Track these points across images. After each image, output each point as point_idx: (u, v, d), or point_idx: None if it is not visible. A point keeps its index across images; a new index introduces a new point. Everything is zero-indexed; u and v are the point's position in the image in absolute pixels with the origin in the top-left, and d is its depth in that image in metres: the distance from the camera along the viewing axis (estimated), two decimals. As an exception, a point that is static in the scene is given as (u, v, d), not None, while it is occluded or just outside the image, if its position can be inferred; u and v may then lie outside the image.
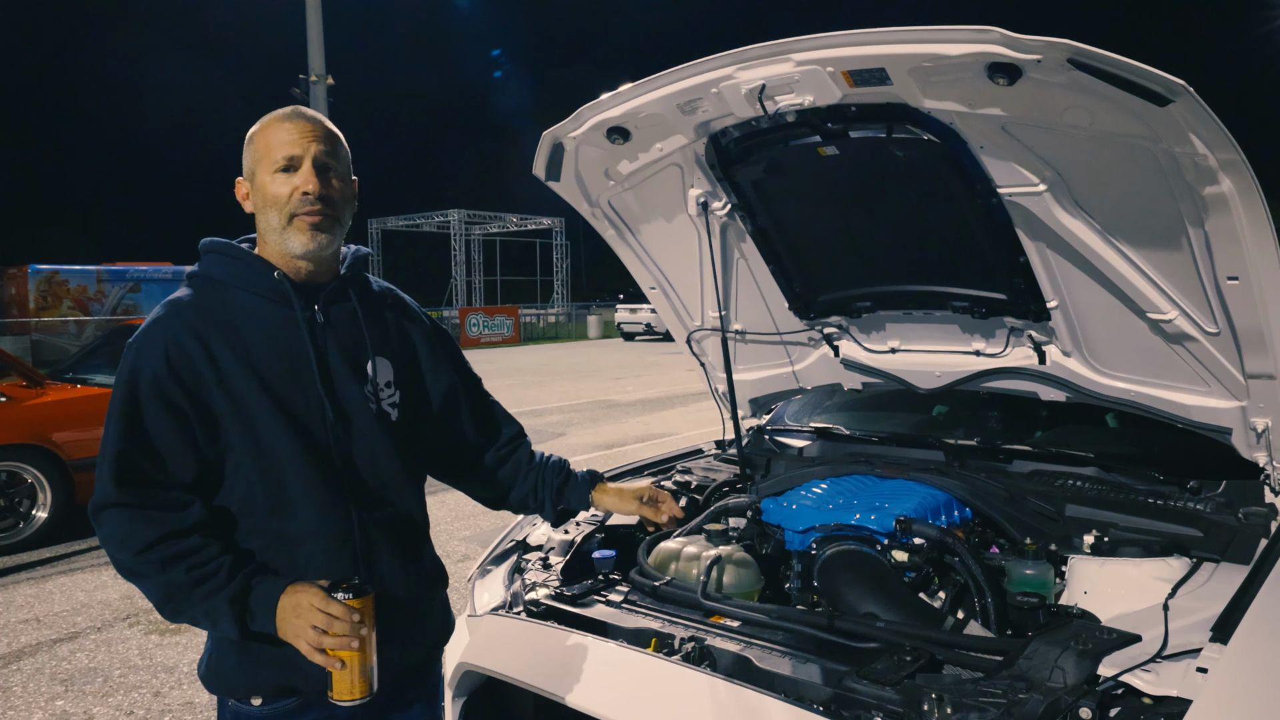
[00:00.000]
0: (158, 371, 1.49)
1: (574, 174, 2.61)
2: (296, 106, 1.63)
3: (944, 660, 1.79)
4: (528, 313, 34.26)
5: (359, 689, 1.46)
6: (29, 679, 3.99)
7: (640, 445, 9.55)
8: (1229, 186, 1.78)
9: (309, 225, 1.56)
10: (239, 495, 1.54)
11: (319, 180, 1.56)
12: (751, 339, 3.10)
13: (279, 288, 1.59)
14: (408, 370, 1.75)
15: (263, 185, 1.57)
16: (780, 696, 1.71)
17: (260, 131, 1.60)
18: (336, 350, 1.62)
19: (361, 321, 1.67)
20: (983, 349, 2.68)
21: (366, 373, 1.65)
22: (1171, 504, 2.35)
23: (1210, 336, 2.17)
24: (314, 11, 17.86)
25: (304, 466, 1.54)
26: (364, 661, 1.45)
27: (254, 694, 1.56)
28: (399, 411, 1.69)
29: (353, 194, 1.67)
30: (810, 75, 2.02)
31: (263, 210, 1.58)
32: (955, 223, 2.33)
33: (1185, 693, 1.52)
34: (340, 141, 1.64)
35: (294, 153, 1.55)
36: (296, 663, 1.49)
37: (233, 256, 1.62)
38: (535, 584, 2.32)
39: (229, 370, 1.52)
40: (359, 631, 1.43)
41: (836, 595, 2.13)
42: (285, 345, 1.57)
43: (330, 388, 1.59)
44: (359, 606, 1.44)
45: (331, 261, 1.66)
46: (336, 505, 1.57)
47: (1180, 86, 1.62)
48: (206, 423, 1.51)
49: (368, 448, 1.62)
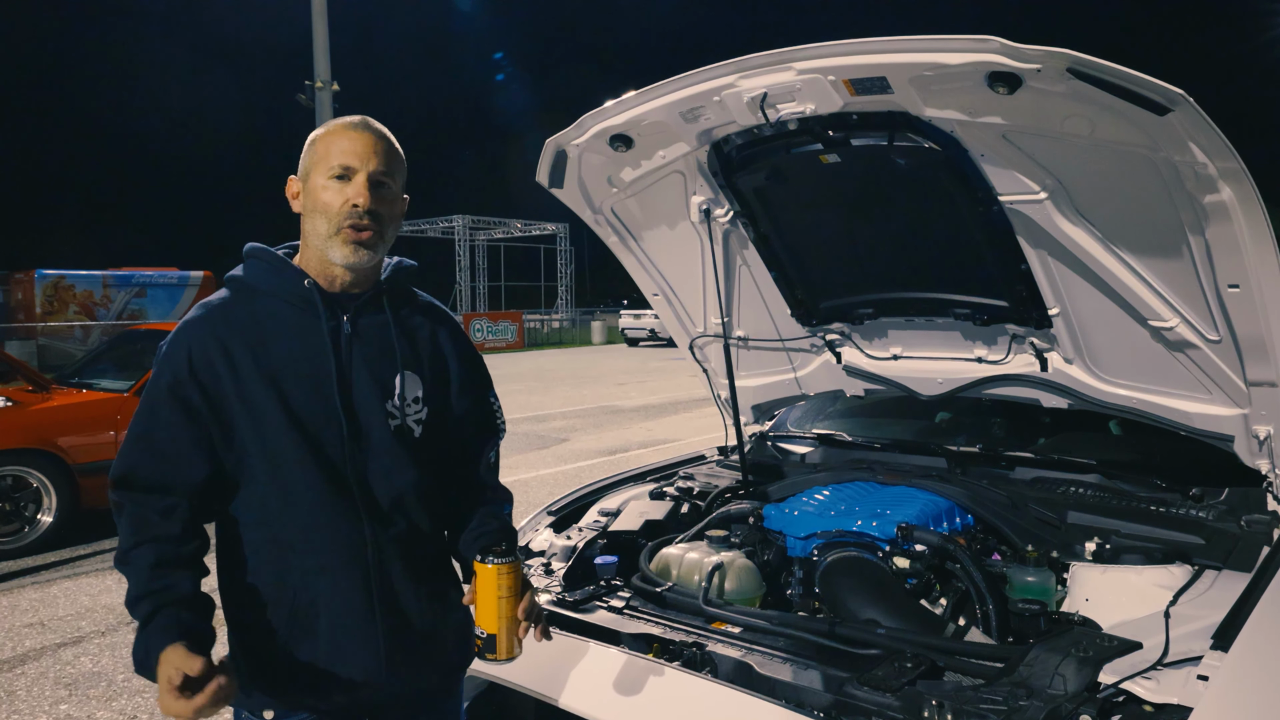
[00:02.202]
0: (179, 373, 1.51)
1: (577, 181, 2.63)
2: (365, 118, 1.61)
3: (945, 667, 1.79)
4: (531, 318, 34.25)
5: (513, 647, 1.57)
6: (33, 683, 4.00)
7: (643, 450, 9.56)
8: (1229, 195, 1.79)
9: (353, 240, 1.55)
10: (254, 501, 1.54)
11: (371, 196, 1.54)
12: (754, 345, 3.10)
13: (308, 296, 1.58)
14: (438, 387, 1.70)
15: (315, 189, 1.56)
16: (781, 702, 1.72)
17: (324, 135, 1.58)
18: (362, 363, 1.60)
19: (393, 334, 1.64)
20: (985, 356, 2.68)
21: (393, 386, 1.62)
22: (1174, 511, 2.35)
23: (1212, 344, 2.17)
24: (319, 18, 17.94)
25: (316, 478, 1.53)
26: (512, 627, 1.56)
27: (266, 708, 1.56)
28: (424, 428, 1.65)
29: (401, 212, 1.65)
30: (812, 84, 2.03)
31: (311, 214, 1.58)
32: (957, 230, 2.34)
33: (1186, 700, 1.53)
34: (400, 159, 1.62)
35: (352, 164, 1.54)
36: (312, 681, 1.52)
37: (268, 263, 1.61)
38: (537, 590, 2.32)
39: (247, 377, 1.52)
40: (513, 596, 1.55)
41: (838, 601, 2.13)
42: (310, 355, 1.56)
43: (349, 401, 1.57)
44: (511, 570, 1.54)
45: (371, 274, 1.64)
46: (348, 519, 1.56)
47: (1179, 96, 1.63)
48: (223, 426, 1.52)
49: (383, 464, 1.59)
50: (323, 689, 1.51)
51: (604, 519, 2.76)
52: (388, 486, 1.59)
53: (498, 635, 1.55)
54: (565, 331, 35.05)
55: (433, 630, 1.65)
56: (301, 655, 1.53)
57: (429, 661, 1.66)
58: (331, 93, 18.66)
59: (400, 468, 1.61)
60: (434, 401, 1.68)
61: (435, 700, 1.73)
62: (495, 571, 1.53)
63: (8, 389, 6.51)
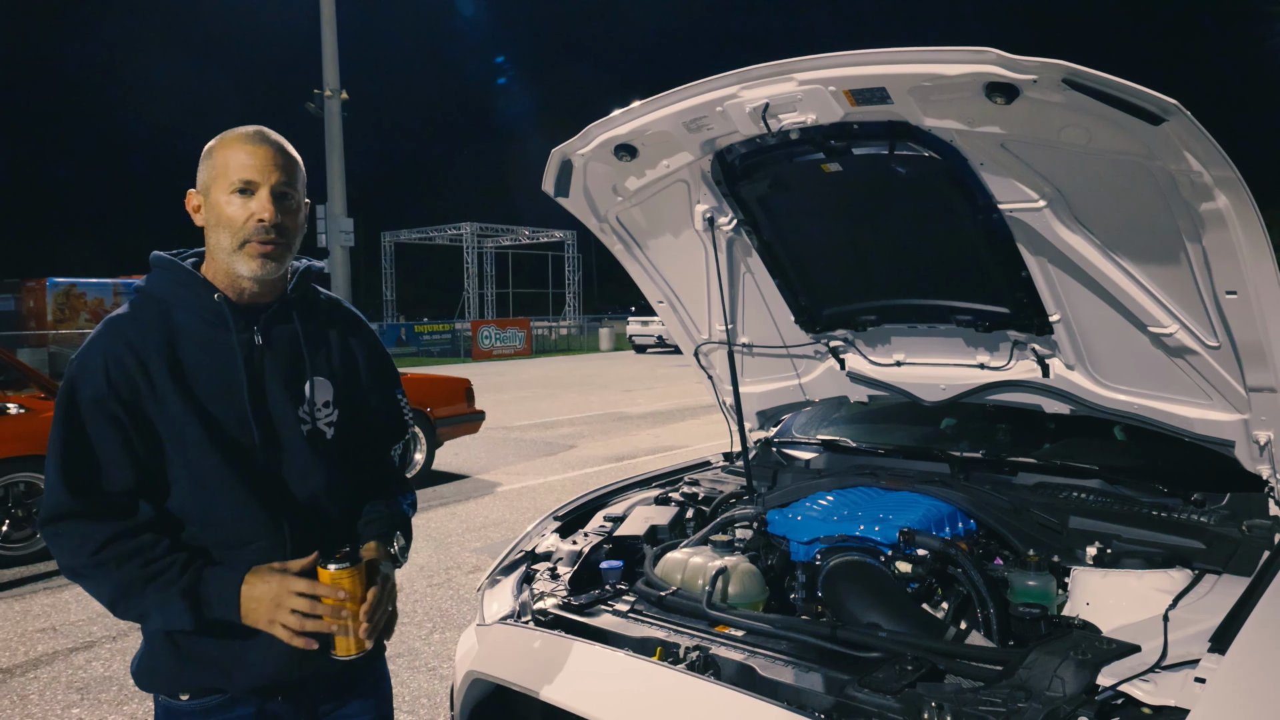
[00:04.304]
0: (98, 391, 1.52)
1: (582, 190, 2.66)
2: (260, 128, 1.63)
3: (945, 670, 1.81)
4: (539, 325, 34.33)
5: (353, 645, 1.56)
6: (46, 687, 4.04)
7: (651, 457, 9.57)
8: (1225, 203, 1.81)
9: (260, 254, 1.58)
10: (175, 507, 1.58)
11: (275, 209, 1.57)
12: (758, 352, 3.13)
13: (218, 310, 1.61)
14: (347, 389, 1.77)
15: (217, 204, 1.57)
16: (783, 705, 1.74)
17: (220, 148, 1.59)
18: (274, 371, 1.65)
19: (302, 343, 1.70)
20: (986, 362, 2.70)
21: (303, 393, 1.68)
22: (1175, 516, 2.36)
23: (1211, 350, 2.19)
24: (328, 27, 18.05)
25: (234, 484, 1.58)
26: (358, 623, 1.55)
27: (182, 690, 1.62)
28: (335, 430, 1.72)
29: (305, 219, 1.68)
30: (812, 94, 2.06)
31: (214, 228, 1.60)
32: (958, 238, 2.36)
33: (1183, 703, 1.54)
34: (299, 168, 1.65)
35: (253, 178, 1.56)
36: (224, 665, 1.58)
37: (175, 275, 1.64)
38: (543, 594, 2.35)
39: (164, 389, 1.55)
40: (352, 600, 1.52)
41: (840, 605, 2.15)
42: (221, 366, 1.60)
43: (262, 408, 1.62)
44: (355, 574, 1.54)
45: (278, 283, 1.68)
46: (267, 521, 1.61)
47: (1173, 106, 1.66)
48: (145, 435, 1.55)
49: (298, 467, 1.65)
50: (238, 675, 1.59)
51: (609, 524, 2.78)
52: (303, 487, 1.66)
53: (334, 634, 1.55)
54: (573, 338, 35.11)
55: None
56: (218, 645, 1.58)
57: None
58: (341, 100, 18.76)
59: (314, 470, 1.67)
60: (344, 404, 1.75)
61: (358, 674, 1.75)
62: (331, 576, 1.54)
63: (20, 396, 6.57)
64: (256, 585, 1.52)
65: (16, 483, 6.01)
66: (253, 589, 1.52)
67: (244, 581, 1.53)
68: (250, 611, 1.52)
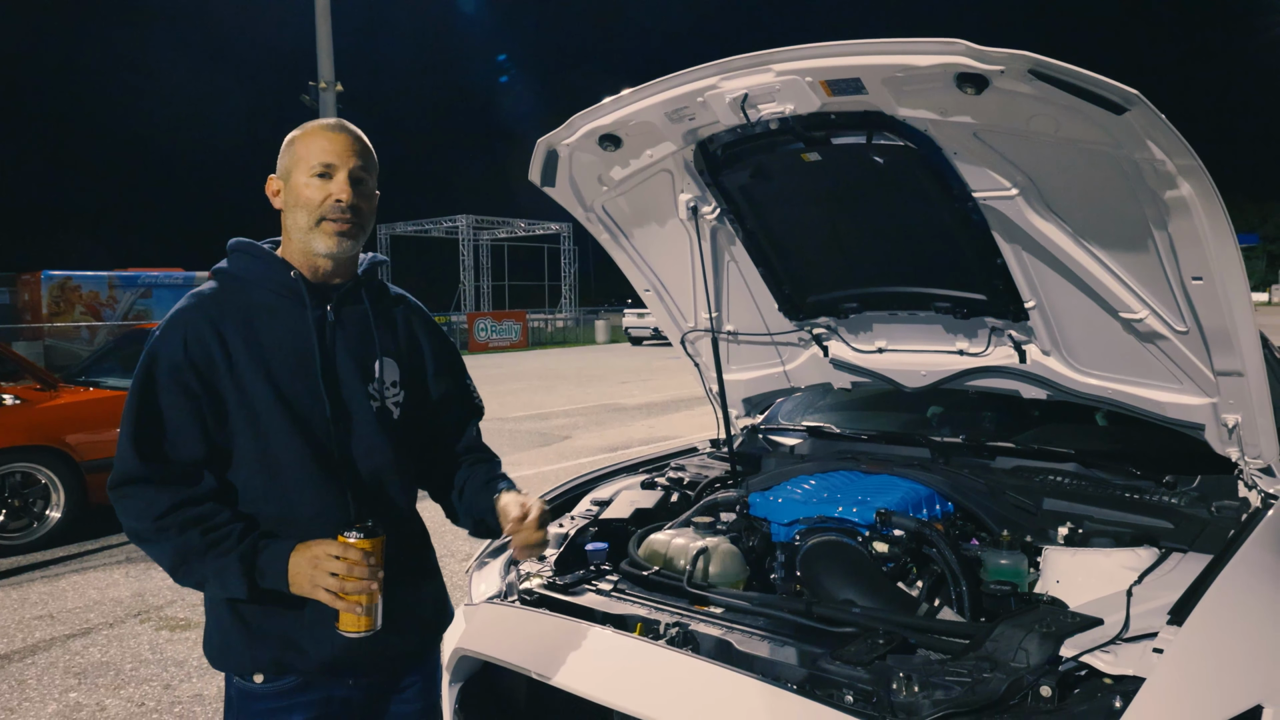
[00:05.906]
0: (175, 359, 1.60)
1: (568, 180, 2.70)
2: (340, 119, 1.74)
3: (916, 644, 1.87)
4: (535, 318, 34.33)
5: (364, 623, 1.55)
6: (43, 672, 4.10)
7: (645, 447, 9.62)
8: (1188, 191, 1.86)
9: (336, 231, 1.67)
10: (242, 479, 1.64)
11: (352, 191, 1.67)
12: (744, 340, 3.18)
13: (294, 286, 1.69)
14: (413, 372, 1.84)
15: (297, 186, 1.67)
16: (758, 677, 1.79)
17: (303, 136, 1.70)
18: (344, 348, 1.72)
19: (372, 323, 1.77)
20: (965, 348, 2.76)
21: (373, 371, 1.74)
22: (1146, 498, 2.43)
23: (1180, 335, 2.24)
24: (323, 19, 18.00)
25: (303, 457, 1.64)
26: (372, 600, 1.55)
27: (256, 670, 1.65)
28: (401, 411, 1.78)
29: (375, 206, 1.78)
30: (790, 85, 2.10)
31: (293, 209, 1.69)
32: (935, 226, 2.41)
33: (1141, 672, 1.60)
34: (374, 158, 1.75)
35: (333, 161, 1.66)
36: (294, 640, 1.60)
37: (254, 255, 1.73)
38: (529, 574, 2.40)
39: (240, 361, 1.62)
40: (376, 573, 1.54)
41: (817, 583, 2.21)
42: (295, 341, 1.67)
43: (333, 383, 1.69)
44: (370, 548, 1.54)
45: (350, 265, 1.76)
46: (333, 495, 1.66)
47: (1135, 96, 1.71)
48: (216, 408, 1.62)
49: (366, 443, 1.71)
50: (310, 653, 1.61)
51: (596, 508, 2.84)
52: (369, 463, 1.71)
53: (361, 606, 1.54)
54: (569, 331, 35.11)
55: (412, 595, 1.77)
56: (289, 621, 1.62)
57: (410, 625, 1.77)
58: (335, 93, 18.72)
59: (380, 446, 1.72)
60: (410, 386, 1.81)
61: (417, 659, 1.84)
62: (357, 547, 1.52)
63: (16, 388, 6.61)
64: (301, 552, 1.56)
65: (13, 473, 6.05)
66: (298, 555, 1.55)
67: (294, 551, 1.56)
68: (295, 577, 1.55)
